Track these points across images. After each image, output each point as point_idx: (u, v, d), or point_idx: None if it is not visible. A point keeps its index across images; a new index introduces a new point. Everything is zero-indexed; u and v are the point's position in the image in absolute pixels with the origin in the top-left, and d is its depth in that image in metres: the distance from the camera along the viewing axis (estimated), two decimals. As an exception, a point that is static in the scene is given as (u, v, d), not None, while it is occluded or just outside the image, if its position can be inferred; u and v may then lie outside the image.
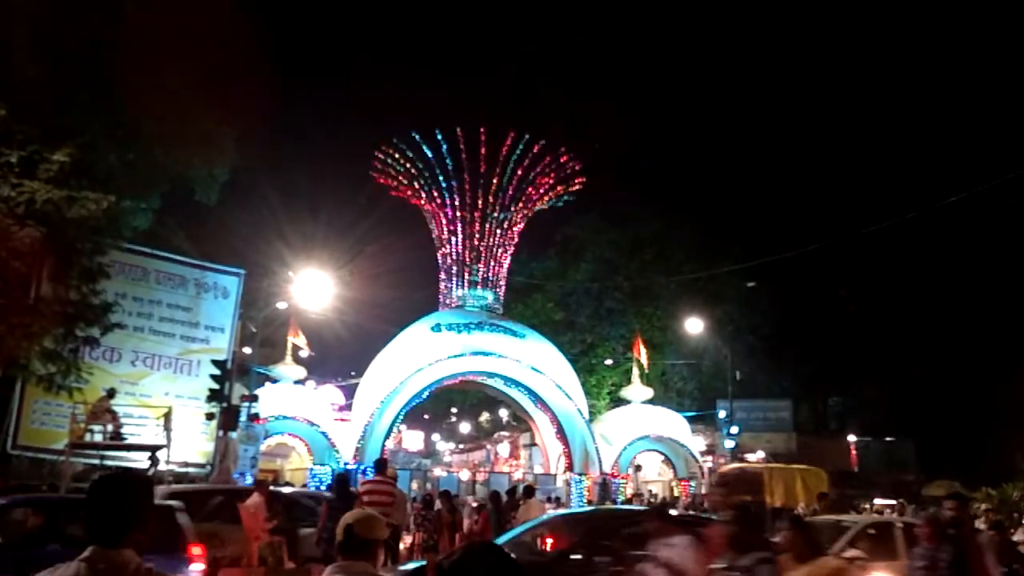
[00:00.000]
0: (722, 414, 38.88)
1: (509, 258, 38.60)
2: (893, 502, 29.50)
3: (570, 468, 34.07)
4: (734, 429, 37.22)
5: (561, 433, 34.36)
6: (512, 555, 2.61)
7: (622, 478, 34.94)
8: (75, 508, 10.06)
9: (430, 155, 36.25)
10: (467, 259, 36.90)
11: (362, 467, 28.36)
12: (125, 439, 20.44)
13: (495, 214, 36.67)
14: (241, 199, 34.68)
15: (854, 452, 46.87)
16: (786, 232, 44.56)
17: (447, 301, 37.14)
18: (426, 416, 67.77)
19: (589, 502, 31.29)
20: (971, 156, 44.44)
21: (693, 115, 66.17)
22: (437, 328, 33.65)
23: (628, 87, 71.52)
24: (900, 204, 44.59)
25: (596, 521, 12.24)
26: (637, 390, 37.79)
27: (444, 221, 37.29)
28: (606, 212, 49.75)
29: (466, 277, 36.94)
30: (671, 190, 52.89)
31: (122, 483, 3.12)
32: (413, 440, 72.80)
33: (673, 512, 13.00)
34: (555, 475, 34.66)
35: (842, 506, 26.81)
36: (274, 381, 31.89)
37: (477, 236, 36.74)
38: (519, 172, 36.57)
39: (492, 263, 37.28)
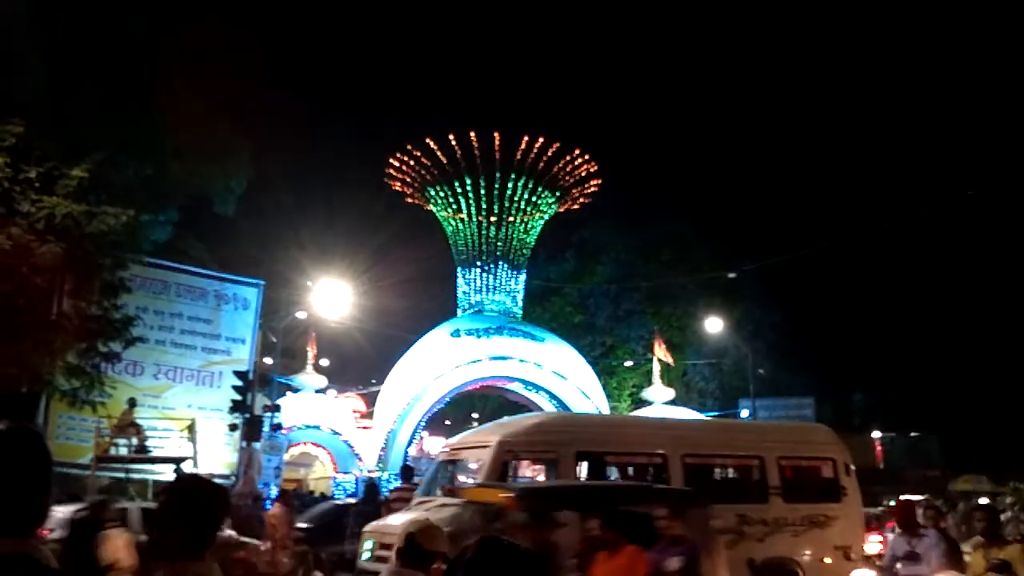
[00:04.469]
0: (744, 413, 38.67)
1: (526, 262, 38.58)
2: (920, 498, 29.23)
3: (593, 471, 33.94)
4: (757, 428, 37.01)
5: (583, 436, 34.21)
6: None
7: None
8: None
9: (445, 161, 36.28)
10: (484, 264, 36.89)
11: (384, 475, 28.37)
12: (150, 452, 20.53)
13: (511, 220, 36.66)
14: (259, 210, 34.72)
15: (879, 448, 46.50)
16: (805, 228, 44.40)
17: (465, 306, 37.13)
18: (448, 422, 67.55)
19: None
20: (988, 147, 44.15)
21: (710, 114, 66.15)
22: (456, 334, 33.64)
23: (644, 89, 71.54)
24: (921, 197, 44.36)
25: None
26: (658, 391, 37.61)
27: (461, 227, 37.31)
28: (622, 213, 49.62)
29: (484, 283, 36.92)
30: (687, 190, 52.80)
31: (205, 490, 2.91)
32: (435, 446, 72.56)
33: None
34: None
35: (869, 503, 26.61)
36: (295, 391, 31.95)
37: (494, 241, 36.73)
38: (535, 175, 36.55)
39: (509, 267, 37.25)
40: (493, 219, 36.61)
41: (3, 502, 2.14)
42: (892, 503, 27.70)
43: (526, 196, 36.80)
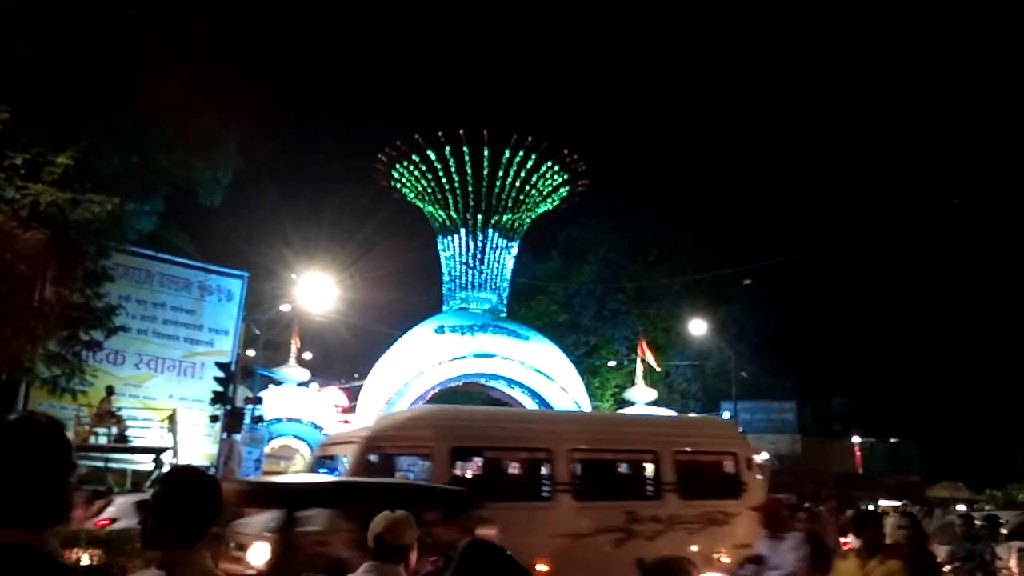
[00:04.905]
0: (726, 415, 38.82)
1: (512, 260, 38.61)
2: (898, 503, 29.44)
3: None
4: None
5: (565, 435, 34.23)
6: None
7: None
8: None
9: (433, 157, 36.29)
10: (470, 261, 36.91)
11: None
12: (130, 441, 20.46)
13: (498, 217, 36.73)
14: (245, 202, 34.67)
15: (858, 453, 46.80)
16: (790, 233, 44.62)
17: (450, 303, 37.13)
18: (430, 418, 67.61)
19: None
20: (976, 155, 44.44)
21: (699, 118, 66.37)
22: (441, 330, 33.64)
23: (633, 91, 71.68)
24: (905, 204, 44.63)
25: None
26: (641, 392, 37.70)
27: (448, 223, 37.32)
28: (609, 214, 49.82)
29: (469, 279, 36.92)
30: (674, 192, 53.02)
31: (200, 482, 3.00)
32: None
33: None
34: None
35: (847, 508, 26.80)
36: (278, 383, 31.88)
37: (481, 238, 36.76)
38: (523, 173, 36.61)
39: (495, 265, 37.28)
40: (480, 215, 36.64)
41: (12, 493, 2.09)
42: (871, 507, 28.05)
43: (513, 194, 36.85)
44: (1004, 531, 11.70)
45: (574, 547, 11.15)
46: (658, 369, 39.85)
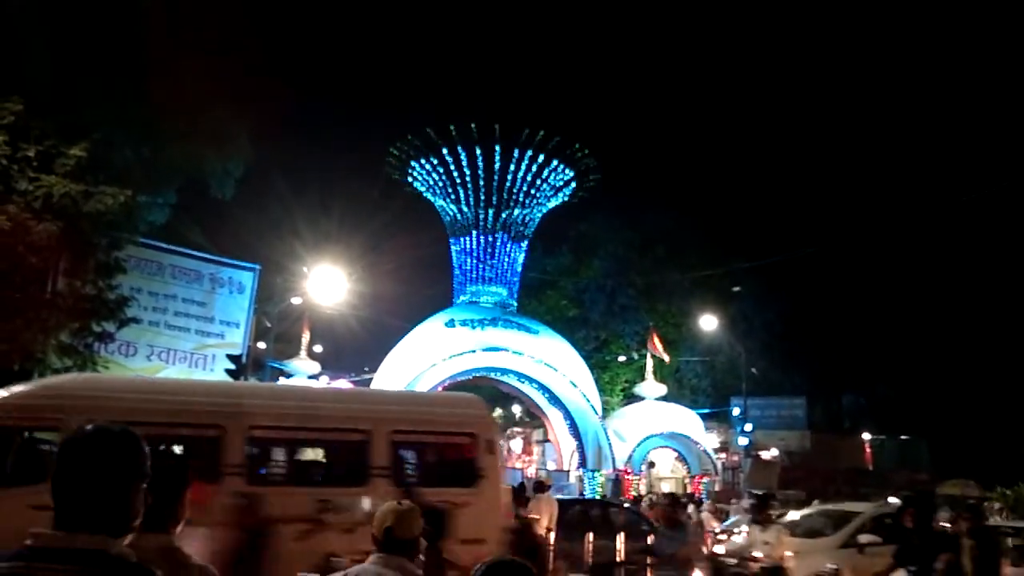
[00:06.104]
0: (736, 411, 38.79)
1: (523, 254, 38.60)
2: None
3: (583, 464, 34.02)
4: (748, 426, 37.12)
5: (574, 429, 34.31)
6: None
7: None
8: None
9: (445, 151, 36.30)
10: (481, 255, 36.91)
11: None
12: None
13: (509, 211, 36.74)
14: (256, 194, 34.63)
15: (868, 450, 46.66)
16: (799, 228, 44.49)
17: (461, 297, 37.14)
18: (439, 412, 67.59)
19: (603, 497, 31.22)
20: (984, 150, 44.20)
21: (708, 113, 66.25)
22: (451, 324, 33.65)
23: (643, 87, 71.54)
24: (917, 199, 44.42)
25: None
26: (651, 386, 37.68)
27: (458, 217, 37.33)
28: (618, 209, 49.80)
29: (480, 273, 36.93)
30: (683, 187, 52.94)
31: (170, 466, 3.07)
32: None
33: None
34: (568, 471, 34.61)
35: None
36: (288, 376, 31.94)
37: (491, 232, 36.77)
38: (534, 168, 36.59)
39: (506, 259, 37.28)
40: (492, 209, 36.64)
41: (84, 501, 2.17)
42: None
43: (525, 188, 36.84)
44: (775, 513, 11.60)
45: None
46: (668, 362, 39.83)
